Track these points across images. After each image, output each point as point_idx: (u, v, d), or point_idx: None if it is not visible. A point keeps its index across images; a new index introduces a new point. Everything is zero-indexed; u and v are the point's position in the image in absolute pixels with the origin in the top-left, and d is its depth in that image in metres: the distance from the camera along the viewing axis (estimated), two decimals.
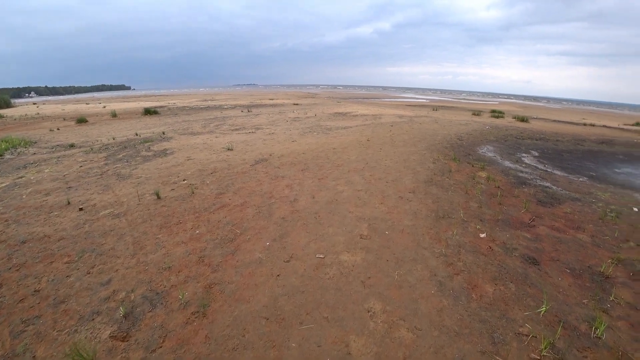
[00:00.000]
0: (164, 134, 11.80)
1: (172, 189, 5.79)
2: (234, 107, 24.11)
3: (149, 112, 19.71)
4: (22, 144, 10.65)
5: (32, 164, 8.02)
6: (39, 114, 22.91)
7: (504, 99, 79.20)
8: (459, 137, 11.31)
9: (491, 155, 8.97)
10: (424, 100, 45.61)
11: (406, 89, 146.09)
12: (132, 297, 3.05)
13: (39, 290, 3.17)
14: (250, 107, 23.05)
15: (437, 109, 25.61)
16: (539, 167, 8.10)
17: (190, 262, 3.58)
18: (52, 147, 10.21)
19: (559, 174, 7.57)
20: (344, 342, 2.49)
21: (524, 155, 9.44)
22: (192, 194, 5.51)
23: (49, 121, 17.86)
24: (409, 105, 31.21)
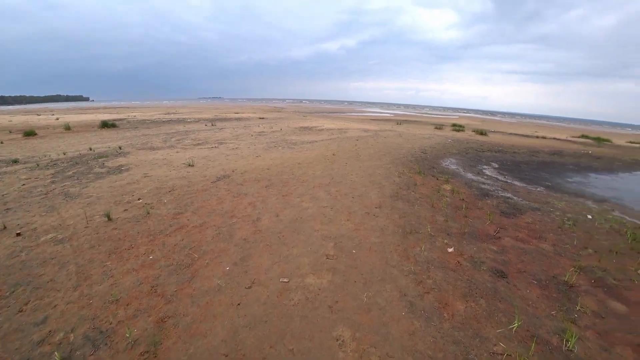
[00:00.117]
0: (120, 148, 11.09)
1: (126, 210, 5.33)
2: (198, 120, 23.40)
3: (107, 125, 18.64)
4: None
5: None
6: None
7: (463, 113, 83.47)
8: (422, 151, 11.55)
9: (454, 167, 9.18)
10: (389, 114, 46.88)
11: (371, 104, 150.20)
12: (71, 338, 2.64)
13: None
14: (214, 121, 22.47)
15: (401, 123, 26.33)
16: (500, 178, 8.38)
17: (141, 292, 3.21)
18: None
19: (518, 184, 7.85)
20: None
21: (485, 167, 9.77)
22: (147, 214, 5.09)
23: None
24: (374, 119, 31.86)
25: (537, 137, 21.96)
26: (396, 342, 2.57)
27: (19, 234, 4.44)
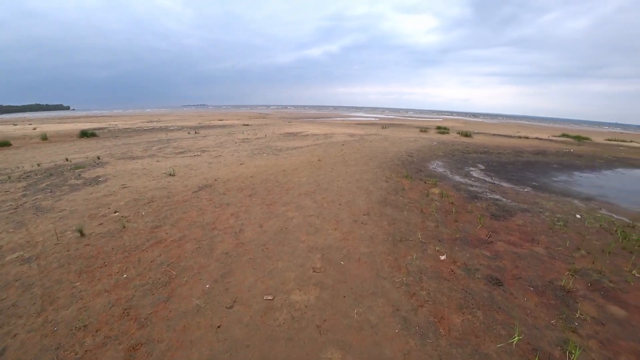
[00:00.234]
0: (99, 158, 10.64)
1: (100, 224, 5.00)
2: (181, 128, 22.90)
3: (86, 134, 18.00)
4: None
5: None
6: None
7: (447, 115, 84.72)
8: (409, 154, 11.49)
9: (442, 170, 9.11)
10: (374, 118, 47.07)
11: (356, 108, 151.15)
12: None
13: None
14: (198, 129, 22.02)
15: (386, 127, 26.38)
16: (487, 180, 8.33)
17: (112, 316, 2.93)
18: None
19: (505, 185, 7.81)
20: None
21: (472, 169, 9.73)
22: (123, 228, 4.78)
23: None
24: (359, 123, 31.83)
25: (520, 137, 22.28)
26: None
27: None
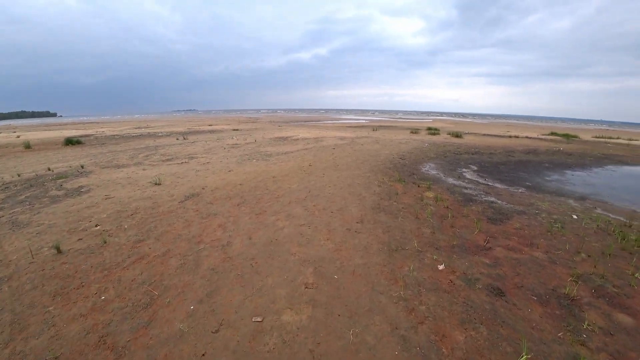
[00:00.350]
0: (82, 167, 10.27)
1: (80, 239, 4.72)
2: (169, 134, 22.49)
3: (71, 142, 17.49)
4: None
5: None
6: None
7: (436, 116, 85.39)
8: (401, 157, 11.36)
9: (434, 172, 8.99)
10: (364, 120, 47.03)
11: (347, 111, 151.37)
12: None
13: None
14: (186, 134, 21.63)
15: (376, 129, 26.31)
16: (481, 181, 8.22)
17: (87, 345, 2.67)
18: None
19: (499, 187, 7.70)
20: None
21: (465, 170, 9.63)
22: (104, 244, 4.50)
23: None
24: (350, 126, 31.68)
25: (510, 136, 22.41)
26: None
27: None
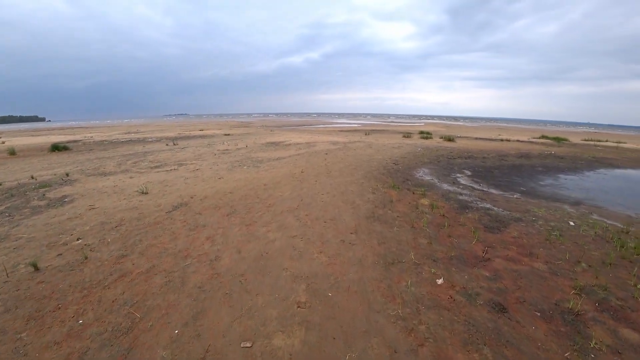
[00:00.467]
0: (67, 175, 9.93)
1: (59, 254, 4.46)
2: (159, 139, 22.11)
3: (58, 148, 17.03)
4: None
5: None
6: None
7: (428, 120, 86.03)
8: (394, 162, 11.25)
9: (429, 178, 8.88)
10: (356, 125, 47.02)
11: (338, 115, 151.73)
12: None
13: None
14: (177, 140, 21.29)
15: (369, 134, 26.23)
16: (475, 187, 8.13)
17: None
18: None
19: (494, 192, 7.62)
20: None
21: (459, 175, 9.55)
22: (85, 259, 4.24)
23: None
24: (342, 130, 31.56)
25: (501, 140, 22.52)
26: None
27: None
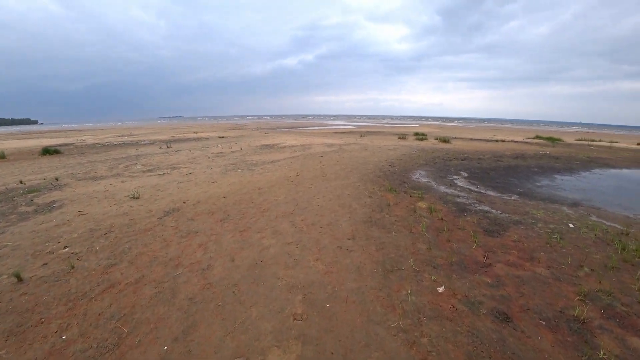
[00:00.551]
0: (57, 180, 9.69)
1: (45, 264, 4.27)
2: (153, 142, 21.83)
3: (49, 151, 16.71)
4: None
5: None
6: None
7: (422, 121, 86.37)
8: (390, 164, 11.16)
9: (425, 180, 8.78)
10: (351, 126, 46.98)
11: (333, 116, 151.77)
12: None
13: None
14: (170, 143, 21.02)
15: (364, 135, 26.17)
16: (473, 189, 8.05)
17: None
18: None
19: (492, 194, 7.54)
20: None
21: (455, 177, 9.47)
22: (72, 269, 4.06)
23: None
24: (337, 132, 31.41)
25: (496, 140, 22.56)
26: None
27: None
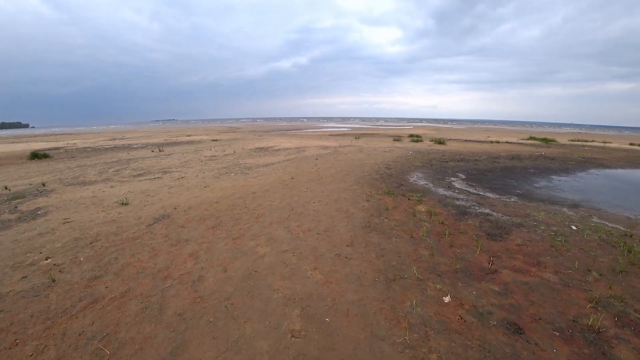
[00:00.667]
0: (44, 185, 9.35)
1: (24, 277, 4.00)
2: (145, 146, 21.46)
3: (37, 155, 16.29)
4: None
5: None
6: None
7: (416, 122, 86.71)
8: (387, 166, 11.00)
9: (423, 183, 8.63)
10: (346, 128, 46.87)
11: (327, 119, 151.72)
12: None
13: None
14: (163, 146, 20.66)
15: (359, 137, 26.04)
16: (471, 190, 7.91)
17: None
18: None
19: (491, 196, 7.40)
20: None
21: (453, 179, 9.33)
22: (52, 283, 3.80)
23: None
24: (332, 134, 31.23)
25: (491, 142, 22.58)
26: None
27: None
